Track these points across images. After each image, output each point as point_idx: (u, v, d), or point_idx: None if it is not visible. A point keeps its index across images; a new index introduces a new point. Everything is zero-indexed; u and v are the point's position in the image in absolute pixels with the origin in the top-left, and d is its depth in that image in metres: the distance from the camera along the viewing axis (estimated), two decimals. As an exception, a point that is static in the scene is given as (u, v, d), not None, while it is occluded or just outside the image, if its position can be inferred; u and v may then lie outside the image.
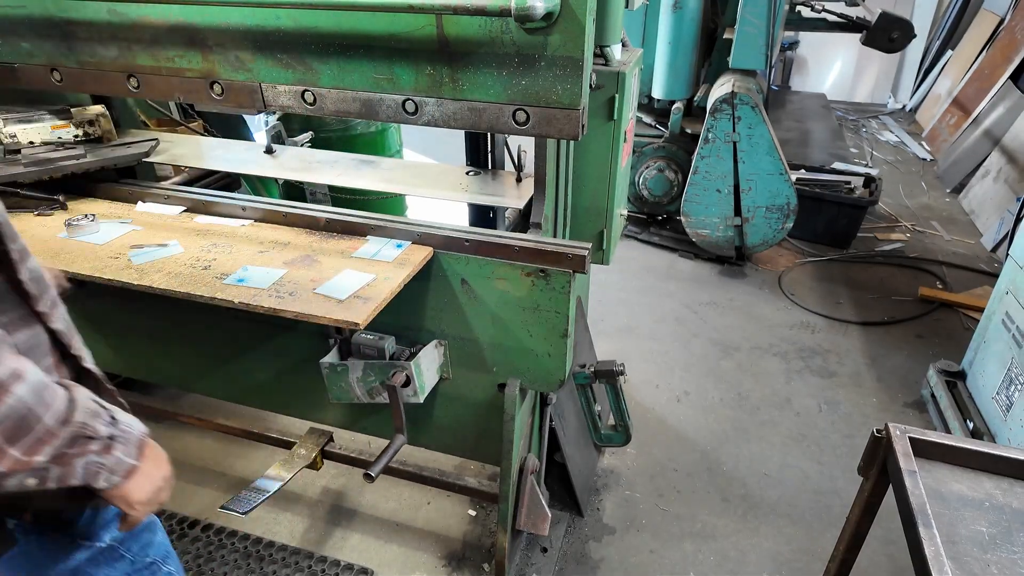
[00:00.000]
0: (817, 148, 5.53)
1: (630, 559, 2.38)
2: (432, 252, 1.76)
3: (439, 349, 1.93)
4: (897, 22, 4.17)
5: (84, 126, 1.99)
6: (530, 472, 2.14)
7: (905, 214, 5.16)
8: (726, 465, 2.80)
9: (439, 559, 2.33)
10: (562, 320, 1.77)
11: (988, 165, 5.25)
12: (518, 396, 1.91)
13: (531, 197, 1.88)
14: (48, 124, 1.96)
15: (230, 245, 1.78)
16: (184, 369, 2.34)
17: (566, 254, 1.67)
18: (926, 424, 3.03)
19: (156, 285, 1.58)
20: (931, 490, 1.35)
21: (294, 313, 1.49)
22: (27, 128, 1.94)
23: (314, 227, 1.87)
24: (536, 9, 1.29)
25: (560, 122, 1.49)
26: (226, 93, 1.73)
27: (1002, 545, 1.25)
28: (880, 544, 2.40)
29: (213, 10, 1.60)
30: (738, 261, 4.37)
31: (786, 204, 3.89)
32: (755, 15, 3.58)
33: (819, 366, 3.42)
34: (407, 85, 1.56)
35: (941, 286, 4.15)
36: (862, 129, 7.18)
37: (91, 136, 2.00)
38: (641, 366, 3.38)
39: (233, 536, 2.37)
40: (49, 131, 1.96)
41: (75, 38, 1.77)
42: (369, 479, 1.76)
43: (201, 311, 2.01)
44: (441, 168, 2.30)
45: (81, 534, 1.19)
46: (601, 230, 2.21)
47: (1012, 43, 5.90)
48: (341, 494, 2.58)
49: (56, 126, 1.97)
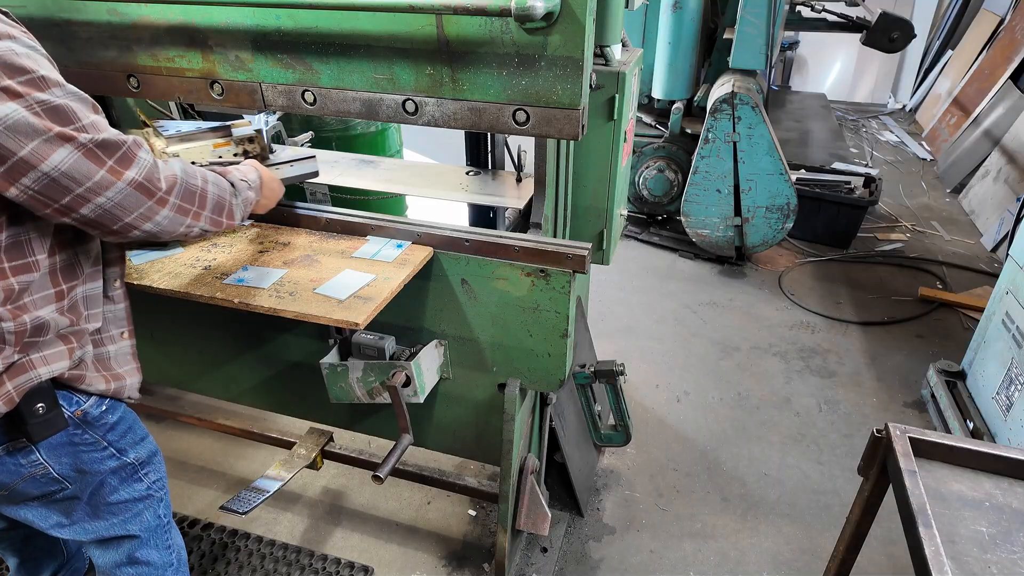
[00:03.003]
0: (817, 148, 5.52)
1: (630, 559, 2.38)
2: (432, 252, 1.76)
3: (439, 349, 1.93)
4: (897, 22, 4.17)
5: (244, 143, 1.92)
6: (530, 472, 2.14)
7: (905, 214, 5.16)
8: (726, 465, 2.80)
9: (439, 559, 2.33)
10: (562, 320, 1.77)
11: (988, 165, 5.25)
12: (518, 396, 1.91)
13: (531, 197, 1.88)
14: (210, 143, 1.90)
15: (230, 245, 1.78)
16: (184, 369, 2.34)
17: (566, 254, 1.67)
18: (926, 424, 3.03)
19: (156, 285, 1.58)
20: (931, 490, 1.35)
21: (294, 313, 1.49)
22: (190, 147, 1.88)
23: (314, 227, 1.87)
24: (536, 9, 1.29)
25: (560, 122, 1.49)
26: (226, 93, 1.73)
27: (1002, 545, 1.25)
28: (880, 544, 2.40)
29: (213, 10, 1.60)
30: (738, 261, 4.37)
31: (786, 204, 3.89)
32: (755, 15, 3.58)
33: (819, 366, 3.42)
34: (407, 85, 1.56)
35: (941, 286, 4.15)
36: (862, 129, 7.18)
37: (250, 154, 1.94)
38: (641, 366, 3.38)
39: (233, 535, 2.37)
40: (211, 151, 1.90)
41: (75, 38, 1.77)
42: (378, 480, 1.76)
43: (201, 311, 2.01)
44: (441, 168, 2.31)
45: (115, 445, 1.41)
46: (601, 230, 2.21)
47: (1012, 43, 5.90)
48: (341, 494, 2.59)
49: (218, 144, 1.91)
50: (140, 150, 1.17)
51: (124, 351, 1.44)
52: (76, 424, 1.32)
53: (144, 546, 1.56)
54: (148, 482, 1.51)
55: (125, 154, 1.14)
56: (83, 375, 1.31)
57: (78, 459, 1.35)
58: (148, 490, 1.52)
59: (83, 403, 1.32)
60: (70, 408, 1.30)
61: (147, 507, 1.53)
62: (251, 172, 1.56)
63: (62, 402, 1.28)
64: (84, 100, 1.14)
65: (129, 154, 1.15)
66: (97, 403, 1.36)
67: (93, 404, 1.34)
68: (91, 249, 1.32)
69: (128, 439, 1.45)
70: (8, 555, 1.70)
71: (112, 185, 1.12)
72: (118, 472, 1.44)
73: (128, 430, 1.45)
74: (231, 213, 1.41)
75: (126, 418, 1.45)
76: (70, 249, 1.26)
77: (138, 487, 1.49)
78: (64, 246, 1.25)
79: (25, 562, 1.71)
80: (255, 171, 1.57)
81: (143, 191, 1.16)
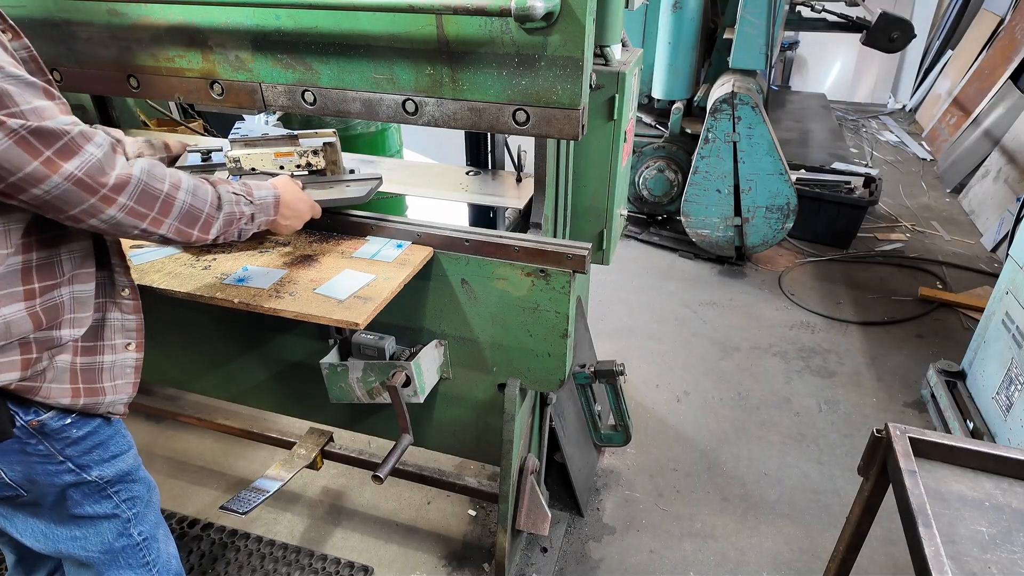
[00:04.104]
0: (817, 148, 5.52)
1: (630, 559, 2.38)
2: (432, 252, 1.76)
3: (439, 349, 1.93)
4: (897, 22, 4.16)
5: (307, 155, 1.85)
6: (530, 472, 2.14)
7: (905, 214, 5.16)
8: (726, 465, 2.80)
9: (439, 559, 2.33)
10: (562, 320, 1.77)
11: (988, 165, 5.25)
12: (518, 396, 1.91)
13: (531, 197, 1.88)
14: (271, 152, 1.84)
15: (230, 245, 1.78)
16: (184, 369, 2.34)
17: (566, 254, 1.67)
18: (926, 424, 3.03)
19: (156, 285, 1.58)
20: (931, 490, 1.35)
21: (294, 313, 1.49)
22: (251, 154, 1.83)
23: (314, 227, 1.87)
24: (536, 9, 1.29)
25: (560, 122, 1.49)
26: (226, 93, 1.73)
27: (1002, 545, 1.25)
28: (880, 544, 2.40)
29: (213, 10, 1.60)
30: (738, 261, 4.37)
31: (786, 204, 3.89)
32: (755, 15, 3.58)
33: (819, 366, 3.42)
34: (407, 85, 1.56)
35: (941, 286, 4.15)
36: (862, 129, 7.18)
37: (313, 168, 1.86)
38: (641, 366, 3.38)
39: (233, 535, 2.37)
40: (272, 159, 1.85)
41: (75, 38, 1.77)
42: (378, 481, 1.75)
43: (201, 311, 2.01)
44: (441, 168, 2.30)
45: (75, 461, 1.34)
46: (601, 230, 2.21)
47: (1012, 43, 5.90)
48: (341, 494, 2.59)
49: (280, 154, 1.85)
50: (88, 143, 1.09)
51: (125, 363, 1.38)
52: (30, 434, 1.25)
53: (113, 566, 1.49)
54: (117, 500, 1.44)
55: (67, 145, 1.06)
56: (37, 387, 1.23)
57: (31, 469, 1.29)
58: (116, 509, 1.44)
59: (41, 414, 1.25)
60: (25, 417, 1.24)
61: (115, 526, 1.46)
62: (264, 189, 1.48)
63: (16, 410, 1.22)
64: (28, 84, 1.05)
65: (72, 145, 1.06)
66: (58, 416, 1.28)
67: (53, 417, 1.27)
68: (78, 249, 1.26)
69: (94, 456, 1.36)
70: (6, 551, 1.70)
71: (47, 178, 1.05)
72: (80, 487, 1.37)
73: (96, 447, 1.36)
74: (206, 227, 1.30)
75: (97, 434, 1.36)
76: (52, 247, 1.21)
77: (105, 504, 1.42)
78: (45, 244, 1.19)
79: (23, 559, 1.70)
80: (272, 189, 1.50)
81: (83, 187, 1.08)
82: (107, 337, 1.34)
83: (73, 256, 1.25)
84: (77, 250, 1.26)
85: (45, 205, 1.09)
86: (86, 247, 1.28)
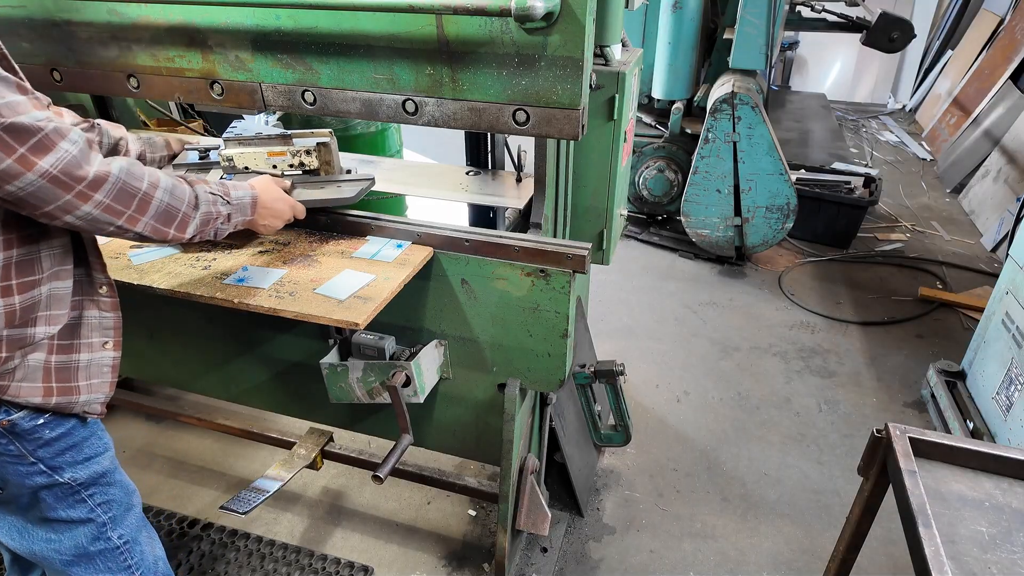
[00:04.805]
0: (817, 148, 5.53)
1: (630, 559, 2.38)
2: (432, 252, 1.76)
3: (439, 349, 1.93)
4: (897, 22, 4.17)
5: (300, 155, 1.86)
6: (530, 472, 2.14)
7: (905, 214, 5.16)
8: (726, 465, 2.80)
9: (439, 559, 2.33)
10: (562, 320, 1.77)
11: (988, 165, 5.25)
12: (518, 396, 1.91)
13: (531, 197, 1.88)
14: (265, 151, 1.84)
15: (230, 244, 1.78)
16: (184, 369, 2.34)
17: (566, 254, 1.67)
18: (926, 424, 3.03)
19: (156, 285, 1.58)
20: (931, 490, 1.35)
21: (294, 313, 1.49)
22: (244, 152, 1.84)
23: (314, 227, 1.87)
24: (536, 9, 1.29)
25: (560, 122, 1.49)
26: (226, 93, 1.73)
27: (1002, 545, 1.25)
28: (880, 544, 2.40)
29: (213, 10, 1.60)
30: (738, 261, 4.37)
31: (786, 204, 3.89)
32: (755, 15, 3.58)
33: (819, 366, 3.42)
34: (407, 85, 1.56)
35: (941, 286, 4.15)
36: (862, 129, 7.18)
37: (306, 168, 1.86)
38: (641, 366, 3.38)
39: (233, 535, 2.37)
40: (265, 158, 1.85)
41: (75, 38, 1.77)
42: (378, 481, 1.76)
43: (201, 311, 2.01)
44: (441, 168, 2.30)
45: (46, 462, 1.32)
46: (601, 230, 2.21)
47: (1012, 43, 5.90)
48: (341, 494, 2.58)
49: (273, 153, 1.85)
50: (63, 139, 1.09)
51: (102, 363, 1.36)
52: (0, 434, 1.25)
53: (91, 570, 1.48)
54: (92, 504, 1.42)
55: (41, 142, 1.06)
56: (5, 385, 1.21)
57: (3, 469, 1.29)
58: (90, 513, 1.42)
59: (12, 413, 1.24)
60: None
61: (89, 530, 1.44)
62: (241, 190, 1.49)
63: None
64: (1, 79, 1.05)
65: (46, 142, 1.07)
66: (30, 416, 1.26)
67: (25, 416, 1.26)
68: (57, 245, 1.25)
69: (67, 457, 1.34)
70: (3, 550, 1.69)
71: (21, 175, 1.05)
72: (52, 489, 1.35)
73: (70, 448, 1.34)
74: (182, 226, 1.32)
75: (72, 435, 1.34)
76: (32, 244, 1.20)
77: (79, 509, 1.40)
78: (25, 241, 1.19)
79: (18, 559, 1.70)
80: (249, 190, 1.51)
81: (58, 184, 1.09)
82: (84, 335, 1.33)
83: (53, 253, 1.25)
84: (57, 247, 1.25)
85: (20, 202, 1.09)
86: (65, 243, 1.27)
